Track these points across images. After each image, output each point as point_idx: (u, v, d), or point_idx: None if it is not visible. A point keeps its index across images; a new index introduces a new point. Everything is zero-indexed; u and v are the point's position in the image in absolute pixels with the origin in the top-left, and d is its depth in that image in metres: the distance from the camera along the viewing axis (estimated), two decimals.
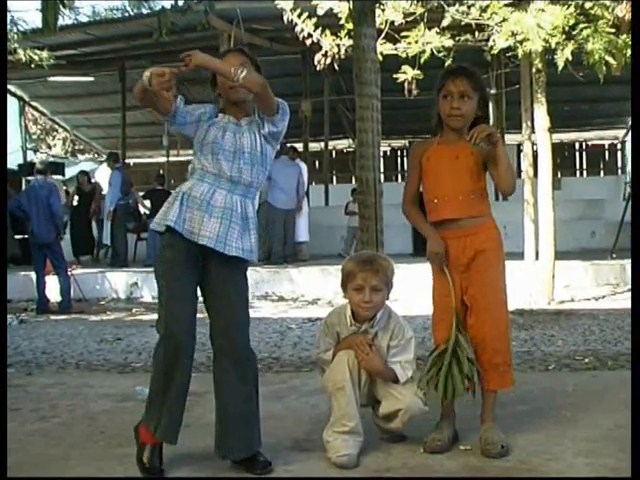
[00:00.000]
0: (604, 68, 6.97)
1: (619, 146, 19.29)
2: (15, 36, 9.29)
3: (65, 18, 9.38)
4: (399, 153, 19.63)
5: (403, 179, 16.36)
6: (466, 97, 2.96)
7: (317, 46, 8.11)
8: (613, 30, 6.81)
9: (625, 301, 7.10)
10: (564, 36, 6.88)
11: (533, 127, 8.09)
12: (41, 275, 8.62)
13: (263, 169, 2.88)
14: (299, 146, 12.54)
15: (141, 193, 12.35)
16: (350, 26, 6.98)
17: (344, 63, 8.05)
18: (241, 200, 2.80)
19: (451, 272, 2.96)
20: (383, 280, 2.95)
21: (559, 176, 16.30)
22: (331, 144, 16.09)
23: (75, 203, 12.93)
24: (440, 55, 7.64)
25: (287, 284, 9.49)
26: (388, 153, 19.13)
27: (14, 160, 14.68)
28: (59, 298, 8.63)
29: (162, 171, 15.92)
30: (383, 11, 7.42)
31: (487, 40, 7.66)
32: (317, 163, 17.48)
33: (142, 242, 11.94)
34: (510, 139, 14.14)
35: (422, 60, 7.69)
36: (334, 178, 19.00)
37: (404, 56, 7.85)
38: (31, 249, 8.85)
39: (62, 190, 12.87)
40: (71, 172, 16.91)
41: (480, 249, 2.96)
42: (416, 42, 7.67)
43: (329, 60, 8.13)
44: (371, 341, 2.96)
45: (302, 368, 4.82)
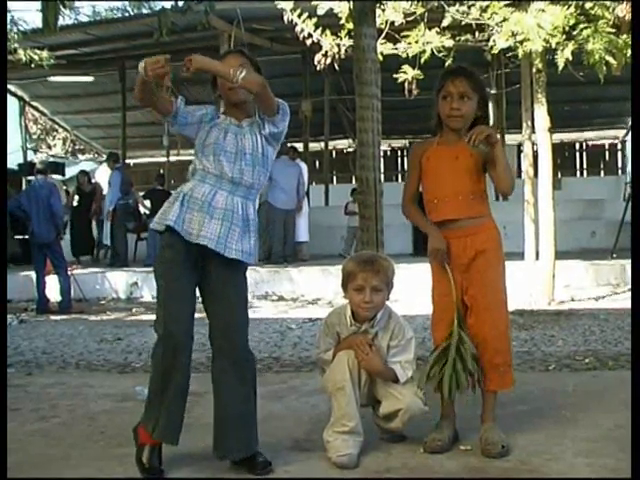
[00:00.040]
0: (604, 68, 6.97)
1: (619, 146, 19.29)
2: (15, 36, 9.29)
3: (65, 18, 9.41)
4: (399, 153, 19.63)
5: (403, 179, 16.31)
6: (466, 98, 2.96)
7: (317, 46, 8.11)
8: (613, 30, 6.81)
9: (625, 301, 7.10)
10: (564, 36, 6.88)
11: (533, 127, 8.10)
12: (41, 275, 8.62)
13: (264, 170, 2.88)
14: (299, 146, 12.54)
15: (141, 193, 12.34)
16: (350, 26, 6.98)
17: (344, 63, 8.05)
18: (242, 202, 2.80)
19: (452, 271, 2.96)
20: (384, 280, 2.95)
21: (559, 176, 16.31)
22: (331, 144, 16.09)
23: (75, 203, 12.93)
24: (440, 55, 7.65)
25: (287, 284, 9.49)
26: (388, 153, 19.13)
27: (14, 160, 14.67)
28: (59, 298, 8.63)
29: (162, 171, 15.91)
30: (383, 11, 7.42)
31: (487, 40, 7.67)
32: (317, 163, 17.47)
33: (142, 242, 11.94)
34: (510, 139, 14.16)
35: (422, 60, 7.69)
36: (334, 178, 18.99)
37: (404, 56, 7.85)
38: (31, 249, 8.87)
39: (62, 190, 12.86)
40: (71, 172, 16.91)
41: (480, 249, 2.96)
42: (416, 42, 7.67)
43: (329, 60, 8.14)
44: (371, 341, 2.96)
45: (302, 368, 4.81)
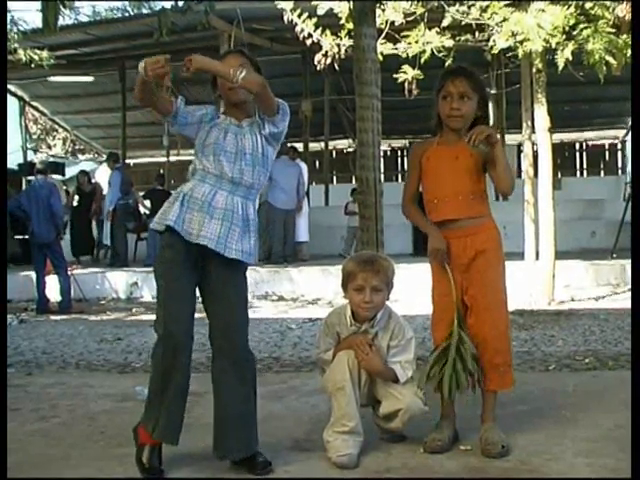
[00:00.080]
0: (604, 68, 6.97)
1: (619, 146, 19.29)
2: (15, 36, 9.29)
3: (65, 18, 9.41)
4: (399, 153, 19.63)
5: (403, 179, 16.33)
6: (466, 98, 2.96)
7: (317, 46, 8.11)
8: (613, 30, 6.81)
9: (625, 301, 7.10)
10: (564, 36, 6.88)
11: (533, 127, 8.09)
12: (41, 275, 8.62)
13: (264, 170, 2.88)
14: (299, 146, 12.54)
15: (141, 193, 12.34)
16: (350, 26, 6.98)
17: (344, 63, 8.05)
18: (242, 202, 2.80)
19: (452, 271, 2.96)
20: (384, 280, 2.95)
21: (559, 176, 16.31)
22: (331, 144, 16.08)
23: (75, 203, 12.93)
24: (440, 55, 7.65)
25: (287, 284, 9.49)
26: (388, 153, 19.13)
27: (14, 160, 14.68)
28: (59, 298, 8.63)
29: (162, 171, 15.91)
30: (383, 11, 7.42)
31: (487, 40, 7.66)
32: (317, 163, 17.47)
33: (142, 242, 11.94)
34: (510, 139, 14.16)
35: (422, 60, 7.69)
36: (334, 178, 18.99)
37: (404, 56, 7.85)
38: (31, 249, 8.87)
39: (62, 190, 12.86)
40: (71, 172, 16.91)
41: (480, 249, 2.96)
42: (416, 42, 7.67)
43: (329, 60, 8.14)
44: (371, 341, 2.96)
45: (302, 368, 4.81)
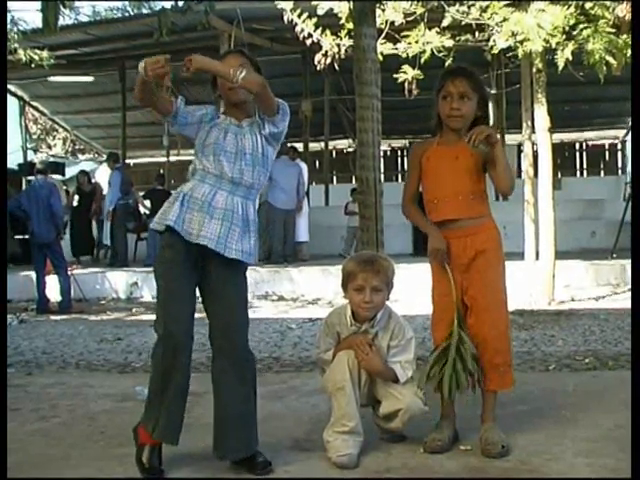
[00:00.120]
0: (604, 68, 6.97)
1: (619, 146, 19.29)
2: (15, 36, 9.28)
3: (65, 18, 9.40)
4: (399, 153, 19.62)
5: (403, 179, 16.33)
6: (466, 98, 2.96)
7: (317, 46, 8.11)
8: (613, 30, 6.81)
9: (625, 301, 7.10)
10: (564, 36, 6.88)
11: (533, 127, 8.09)
12: (41, 275, 8.62)
13: (264, 170, 2.88)
14: (299, 146, 12.54)
15: (141, 193, 12.34)
16: (350, 26, 6.98)
17: (344, 63, 8.05)
18: (242, 202, 2.80)
19: (452, 271, 2.96)
20: (384, 280, 2.95)
21: (559, 176, 16.31)
22: (331, 144, 16.08)
23: (75, 203, 12.92)
24: (440, 55, 7.65)
25: (287, 284, 9.49)
26: (388, 153, 19.13)
27: (14, 160, 14.68)
28: (59, 298, 8.63)
29: (162, 171, 15.91)
30: (383, 11, 7.42)
31: (487, 40, 7.67)
32: (317, 163, 17.47)
33: (142, 242, 11.95)
34: (510, 139, 14.16)
35: (422, 60, 7.70)
36: (334, 178, 18.99)
37: (404, 56, 7.85)
38: (31, 249, 8.86)
39: (62, 190, 12.86)
40: (71, 172, 16.90)
41: (480, 249, 2.96)
42: (416, 42, 7.67)
43: (329, 60, 8.14)
44: (371, 341, 2.96)
45: (302, 368, 4.81)
